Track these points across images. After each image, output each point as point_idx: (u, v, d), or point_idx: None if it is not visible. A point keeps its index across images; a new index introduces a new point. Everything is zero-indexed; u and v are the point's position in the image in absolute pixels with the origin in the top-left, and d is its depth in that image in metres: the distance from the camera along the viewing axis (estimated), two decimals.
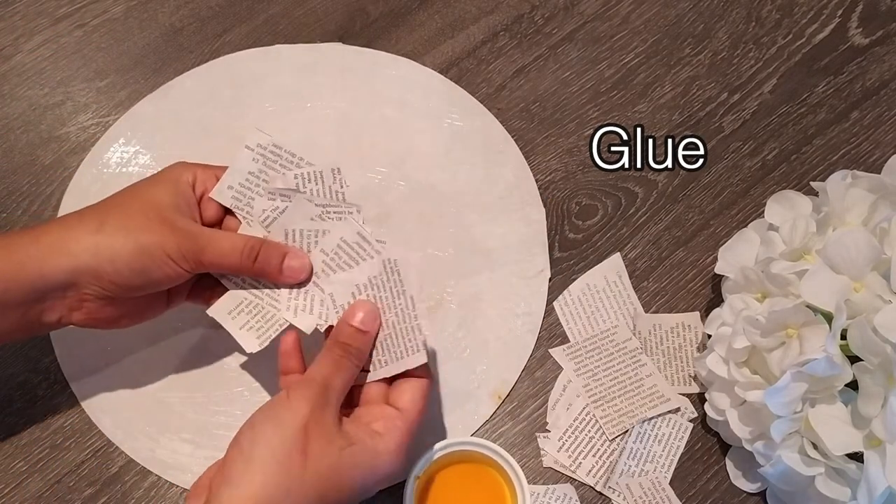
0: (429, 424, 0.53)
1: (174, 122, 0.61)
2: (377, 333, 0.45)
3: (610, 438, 0.52)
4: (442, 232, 0.58)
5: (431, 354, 0.54)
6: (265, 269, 0.46)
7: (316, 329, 0.47)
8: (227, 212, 0.49)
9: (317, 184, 0.49)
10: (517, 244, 0.58)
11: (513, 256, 0.57)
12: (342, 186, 0.49)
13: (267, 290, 0.48)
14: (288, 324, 0.47)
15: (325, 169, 0.49)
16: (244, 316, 0.47)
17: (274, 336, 0.46)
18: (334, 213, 0.48)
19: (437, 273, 0.57)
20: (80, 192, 0.58)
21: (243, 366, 0.54)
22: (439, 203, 0.59)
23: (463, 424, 0.53)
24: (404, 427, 0.43)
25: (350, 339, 0.44)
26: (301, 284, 0.47)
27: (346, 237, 0.47)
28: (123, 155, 0.60)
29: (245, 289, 0.48)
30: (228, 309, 0.47)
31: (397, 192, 0.59)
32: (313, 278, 0.47)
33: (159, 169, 0.58)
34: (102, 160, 0.60)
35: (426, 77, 0.63)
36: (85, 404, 0.53)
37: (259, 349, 0.46)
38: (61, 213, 0.58)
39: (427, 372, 0.45)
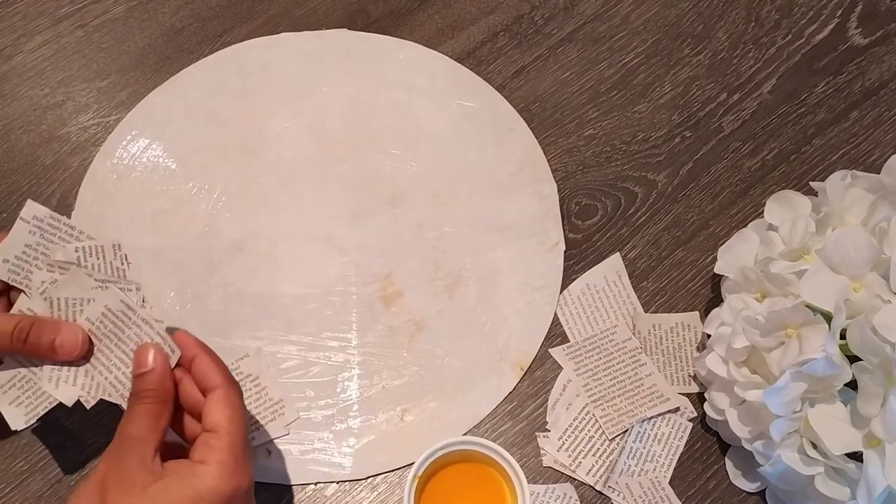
0: (453, 400, 0.54)
1: (185, 113, 0.61)
2: (161, 369, 0.42)
3: (609, 438, 0.52)
4: (456, 210, 0.59)
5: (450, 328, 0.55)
6: (37, 350, 0.44)
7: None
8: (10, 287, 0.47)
9: (98, 258, 0.47)
10: (531, 219, 0.59)
11: (527, 231, 0.58)
12: (123, 263, 0.47)
13: (43, 366, 0.45)
14: (58, 401, 0.45)
15: (105, 244, 0.47)
16: (15, 391, 0.46)
17: (42, 413, 0.45)
18: (114, 288, 0.46)
19: (453, 251, 0.58)
20: (96, 186, 0.59)
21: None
22: (452, 182, 0.60)
23: (487, 398, 0.54)
24: (221, 443, 0.40)
25: (136, 386, 0.42)
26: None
27: (110, 306, 0.45)
28: (136, 147, 0.60)
29: (24, 365, 0.46)
30: (1, 383, 0.46)
31: (410, 173, 0.60)
32: None
33: (173, 160, 0.59)
34: (116, 153, 0.60)
35: (433, 59, 0.64)
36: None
37: (25, 427, 0.45)
38: (78, 206, 0.58)
39: (222, 379, 0.42)
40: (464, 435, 0.53)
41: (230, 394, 0.41)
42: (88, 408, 0.45)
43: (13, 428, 0.45)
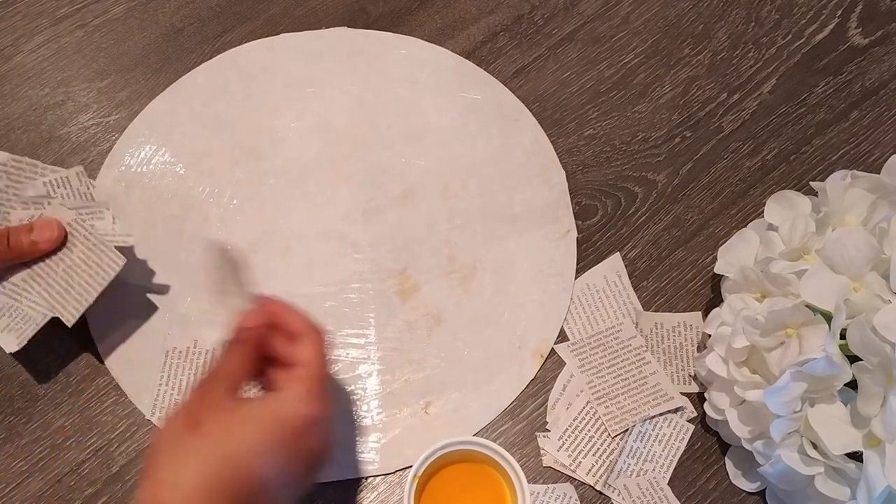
0: (476, 391, 0.54)
1: (190, 118, 0.62)
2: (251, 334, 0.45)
3: (612, 436, 0.52)
4: (467, 203, 0.59)
5: (470, 319, 0.55)
6: (20, 250, 0.50)
7: None
8: None
9: (65, 188, 0.52)
10: (542, 208, 0.59)
11: (539, 220, 0.59)
12: (89, 188, 0.53)
13: (26, 294, 0.51)
14: (46, 319, 0.50)
15: (70, 173, 0.52)
16: (4, 319, 0.50)
17: (31, 334, 0.50)
18: (87, 213, 0.52)
19: (467, 243, 0.58)
20: (106, 195, 0.59)
21: None
22: (461, 175, 0.60)
23: (509, 386, 0.54)
24: (303, 374, 0.43)
25: (237, 336, 0.45)
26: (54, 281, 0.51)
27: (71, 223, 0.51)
28: (144, 154, 0.60)
29: (6, 294, 0.51)
30: None
31: (419, 168, 0.60)
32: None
33: (181, 165, 0.60)
34: (123, 161, 0.60)
35: (435, 54, 0.64)
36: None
37: (18, 348, 0.49)
38: None
39: (307, 327, 0.45)
40: (486, 424, 0.53)
41: (316, 336, 0.45)
42: (69, 325, 0.49)
43: (7, 350, 0.49)
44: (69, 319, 0.50)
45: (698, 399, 0.54)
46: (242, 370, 0.44)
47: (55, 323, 0.54)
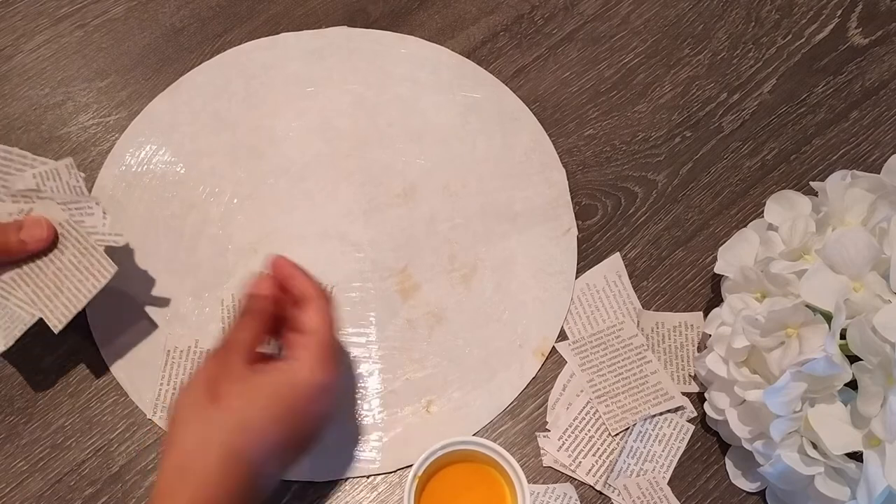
0: (477, 389, 0.54)
1: (191, 118, 0.61)
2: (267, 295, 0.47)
3: (612, 434, 0.52)
4: (468, 201, 0.59)
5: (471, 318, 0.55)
6: (7, 246, 0.48)
7: None
8: None
9: (55, 180, 0.50)
10: (542, 206, 0.59)
11: (539, 218, 0.59)
12: (78, 180, 0.51)
13: (14, 293, 0.49)
14: (34, 320, 0.48)
15: (59, 165, 0.51)
16: None
17: (19, 335, 0.48)
18: (76, 209, 0.50)
19: (467, 241, 0.58)
20: (106, 195, 0.59)
21: None
22: (462, 173, 0.60)
23: (510, 384, 0.54)
24: (313, 342, 0.45)
25: (249, 304, 0.47)
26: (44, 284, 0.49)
27: (61, 222, 0.49)
28: (144, 154, 0.60)
29: None
30: None
31: (419, 167, 0.60)
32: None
33: (181, 165, 0.60)
34: (124, 161, 0.60)
35: (435, 52, 0.64)
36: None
37: (4, 349, 0.48)
38: None
39: (314, 292, 0.46)
40: (487, 424, 0.53)
41: (321, 303, 0.46)
42: (56, 331, 0.48)
43: None
44: (56, 325, 0.48)
45: (698, 399, 0.54)
46: (256, 339, 0.46)
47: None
